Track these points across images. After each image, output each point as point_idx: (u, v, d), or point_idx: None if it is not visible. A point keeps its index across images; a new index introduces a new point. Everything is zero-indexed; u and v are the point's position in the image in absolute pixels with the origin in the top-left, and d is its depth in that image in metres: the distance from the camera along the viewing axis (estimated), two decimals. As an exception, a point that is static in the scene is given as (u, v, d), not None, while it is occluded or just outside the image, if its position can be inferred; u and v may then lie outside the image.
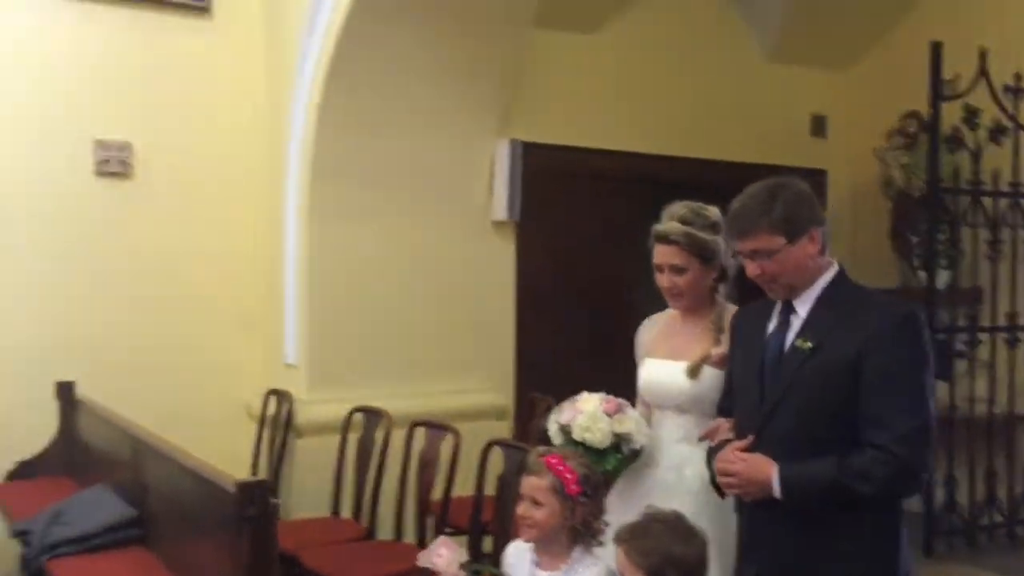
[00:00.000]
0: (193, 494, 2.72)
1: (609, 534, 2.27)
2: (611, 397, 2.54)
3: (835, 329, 2.07)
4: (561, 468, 2.19)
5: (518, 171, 4.96)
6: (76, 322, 4.53)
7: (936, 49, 5.05)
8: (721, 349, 2.50)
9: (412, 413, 4.01)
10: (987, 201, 5.27)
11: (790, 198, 2.13)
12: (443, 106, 4.61)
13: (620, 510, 2.46)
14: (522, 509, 2.20)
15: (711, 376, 2.51)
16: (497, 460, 3.31)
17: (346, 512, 4.04)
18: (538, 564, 2.24)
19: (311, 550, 3.50)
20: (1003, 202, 5.28)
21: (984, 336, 5.28)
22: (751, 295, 2.33)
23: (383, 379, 4.53)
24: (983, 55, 5.11)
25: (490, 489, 3.36)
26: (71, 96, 4.53)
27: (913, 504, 5.55)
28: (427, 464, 3.64)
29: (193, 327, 4.83)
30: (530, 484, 2.20)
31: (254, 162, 4.93)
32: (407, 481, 3.78)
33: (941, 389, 5.19)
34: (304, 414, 4.42)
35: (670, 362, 2.59)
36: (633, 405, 2.63)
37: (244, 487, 2.32)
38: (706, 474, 2.34)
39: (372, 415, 4.02)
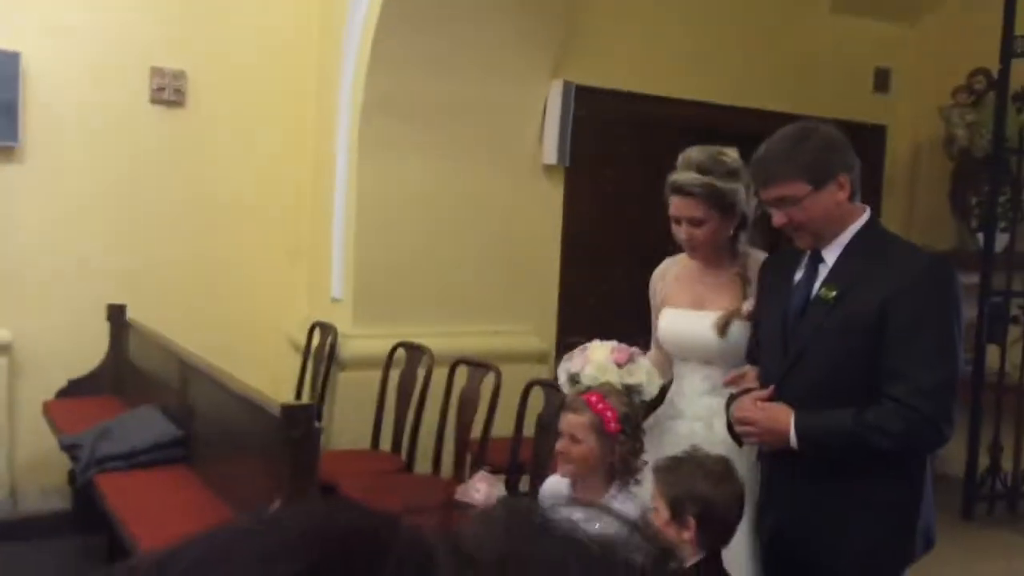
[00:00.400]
0: (238, 417, 2.77)
1: (645, 475, 2.27)
2: (622, 346, 2.45)
3: (861, 278, 2.01)
4: (601, 406, 2.19)
5: (569, 115, 4.90)
6: (129, 247, 4.61)
7: (1010, 3, 4.86)
8: (750, 303, 2.41)
9: (454, 352, 4.03)
10: (1053, 163, 5.11)
11: (816, 143, 2.05)
12: (496, 45, 4.55)
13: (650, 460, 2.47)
14: (561, 445, 2.21)
15: (739, 329, 2.42)
16: (537, 401, 3.31)
17: (386, 446, 4.09)
18: (574, 499, 2.25)
19: (349, 479, 3.55)
20: (1070, 165, 5.12)
21: (1041, 302, 5.16)
22: (778, 242, 2.28)
23: (427, 317, 4.55)
24: (1060, 10, 4.92)
25: (529, 430, 3.38)
26: (128, 24, 4.55)
27: (953, 467, 5.51)
28: (467, 402, 3.66)
29: (242, 257, 4.88)
30: (569, 421, 2.21)
31: (306, 95, 4.93)
32: (447, 418, 3.81)
33: (992, 353, 5.12)
34: (348, 348, 4.46)
35: (693, 312, 2.49)
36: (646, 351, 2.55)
37: (289, 410, 2.35)
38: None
39: (414, 351, 4.04)
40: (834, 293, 2.03)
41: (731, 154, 2.50)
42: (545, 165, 4.97)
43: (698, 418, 2.47)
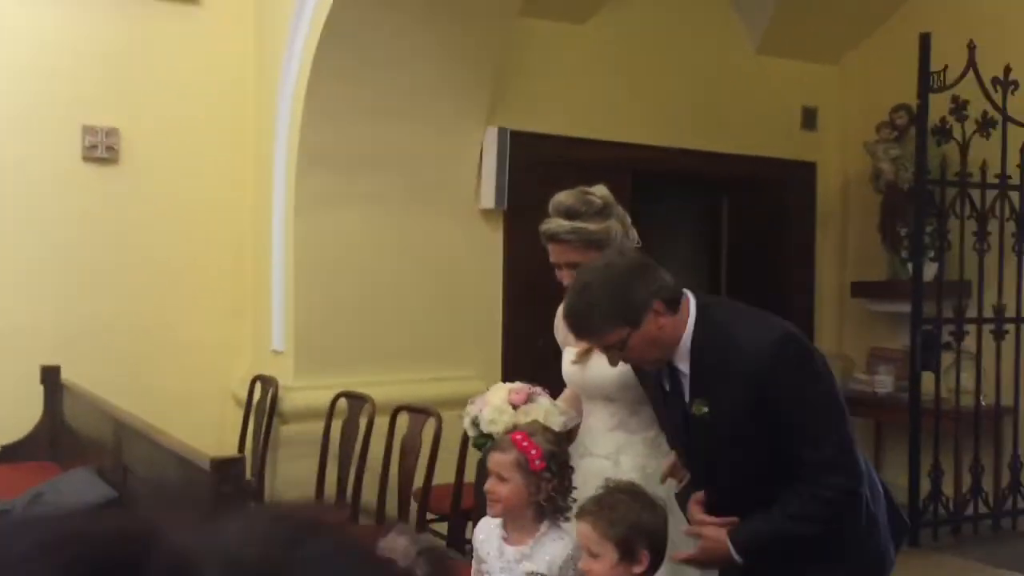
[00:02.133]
0: (171, 474, 2.72)
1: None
2: (522, 386, 2.46)
3: (720, 382, 1.99)
4: (526, 444, 2.19)
5: (505, 159, 4.97)
6: (63, 307, 4.54)
7: (925, 41, 5.05)
8: None
9: (398, 400, 4.02)
10: (975, 193, 5.28)
11: (617, 285, 1.98)
12: (430, 94, 4.61)
13: None
14: (489, 485, 2.21)
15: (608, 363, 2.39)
16: (478, 445, 3.31)
17: (330, 498, 4.05)
18: (506, 539, 2.25)
19: (293, 534, 3.50)
20: (990, 194, 5.29)
21: (971, 328, 5.30)
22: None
23: (369, 366, 4.54)
24: (972, 47, 5.12)
25: (472, 476, 3.37)
26: (59, 81, 4.54)
27: (897, 494, 5.58)
28: (409, 449, 3.64)
29: (181, 314, 4.83)
30: (496, 460, 2.22)
31: (244, 148, 4.94)
32: (390, 466, 3.79)
33: (927, 380, 5.24)
34: (290, 400, 4.42)
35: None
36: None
37: (219, 464, 2.32)
38: (642, 462, 2.34)
39: (356, 400, 4.03)
40: (705, 409, 2.02)
41: (599, 192, 2.48)
42: (483, 210, 5.01)
43: (606, 455, 2.45)
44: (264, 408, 4.39)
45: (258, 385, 4.53)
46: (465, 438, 3.42)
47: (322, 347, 4.53)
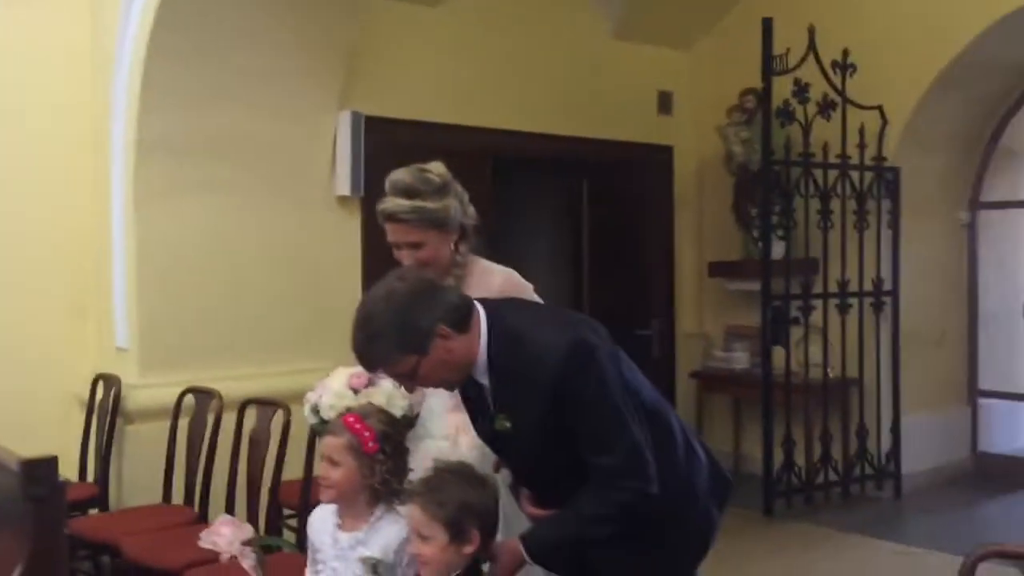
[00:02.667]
0: (-15, 481, 2.54)
1: None
2: (363, 371, 2.36)
3: (519, 395, 1.98)
4: (359, 426, 2.14)
5: (360, 145, 4.87)
6: None
7: (767, 25, 5.22)
8: None
9: (248, 394, 3.89)
10: (818, 173, 5.49)
11: (398, 313, 1.92)
12: (278, 77, 4.48)
13: None
14: (321, 470, 2.16)
15: None
16: (327, 436, 3.23)
17: (178, 499, 3.90)
18: (340, 526, 2.20)
19: (134, 537, 3.36)
20: (832, 174, 5.51)
21: (817, 303, 5.51)
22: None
23: (220, 361, 4.38)
24: (812, 31, 5.31)
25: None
26: None
27: (754, 466, 5.79)
28: (257, 443, 3.54)
29: (17, 312, 4.54)
30: (328, 444, 2.16)
31: (78, 141, 4.66)
32: (238, 462, 3.67)
33: (778, 355, 5.43)
34: (134, 399, 4.23)
35: None
36: None
37: (28, 465, 2.17)
38: (479, 441, 2.27)
39: (203, 396, 3.88)
40: (508, 424, 2.02)
41: (436, 169, 2.46)
42: (339, 197, 4.91)
43: (445, 436, 2.45)
44: (107, 408, 4.19)
45: (100, 384, 4.32)
46: (313, 432, 3.33)
47: (169, 344, 4.35)
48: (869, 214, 5.63)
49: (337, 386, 2.43)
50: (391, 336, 1.91)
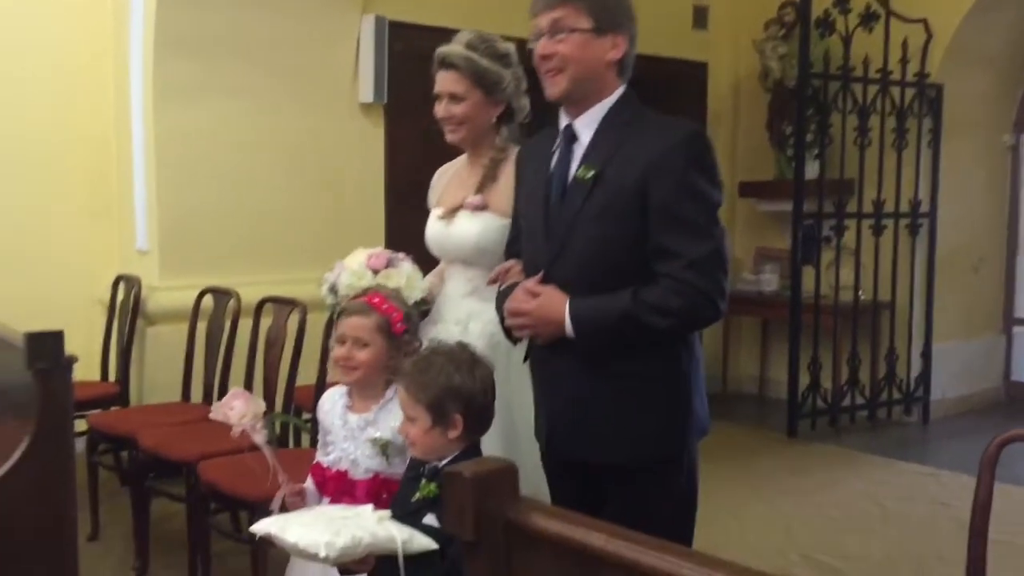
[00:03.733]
0: (-2, 362, 2.54)
1: None
2: (381, 251, 2.39)
3: (618, 153, 1.91)
4: (387, 307, 2.11)
5: (384, 51, 4.76)
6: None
7: (809, -69, 4.99)
8: (477, 198, 2.36)
9: (266, 297, 3.86)
10: (857, 89, 5.29)
11: None
12: (298, -23, 4.37)
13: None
14: (344, 351, 2.10)
15: (492, 226, 2.34)
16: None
17: (197, 398, 3.90)
18: (350, 407, 2.16)
19: (150, 430, 3.37)
20: (872, 89, 5.32)
21: (851, 224, 5.37)
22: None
23: (238, 265, 4.36)
24: (856, -61, 5.08)
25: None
26: None
27: (780, 390, 5.71)
28: (274, 342, 3.51)
29: (40, 218, 4.55)
30: (354, 324, 2.11)
31: (99, 39, 4.60)
32: (255, 362, 3.65)
33: (808, 277, 5.31)
34: (155, 300, 4.23)
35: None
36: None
37: (34, 339, 2.16)
38: (491, 329, 2.23)
39: (221, 297, 3.86)
40: (591, 173, 1.91)
41: (505, 43, 2.42)
42: (362, 104, 4.82)
43: (456, 321, 2.39)
44: (128, 309, 4.19)
45: (121, 286, 4.31)
46: (328, 332, 3.30)
47: (188, 246, 4.33)
48: (909, 132, 5.44)
49: (355, 265, 2.39)
50: None
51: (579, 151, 1.97)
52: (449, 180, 2.57)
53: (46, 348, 2.17)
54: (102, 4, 4.60)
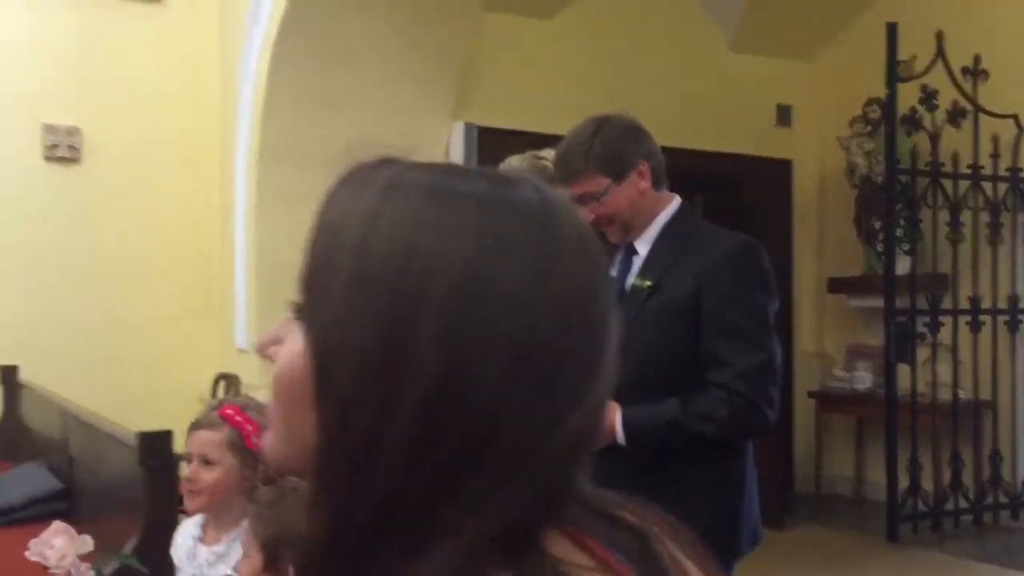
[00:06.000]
0: (108, 457, 2.67)
1: None
2: None
3: (674, 265, 1.98)
4: (240, 418, 1.87)
5: (473, 155, 4.93)
6: (22, 307, 4.49)
7: (892, 30, 5.04)
8: None
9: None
10: (947, 184, 5.24)
11: (610, 133, 2.02)
12: (393, 88, 4.58)
13: None
14: (190, 471, 1.86)
15: None
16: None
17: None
18: (202, 539, 1.91)
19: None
20: (962, 184, 5.26)
21: (947, 320, 5.24)
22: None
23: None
24: (940, 37, 5.10)
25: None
26: (19, 80, 4.51)
27: (877, 491, 5.52)
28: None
29: (145, 313, 4.79)
30: (200, 440, 1.87)
31: (204, 147, 4.90)
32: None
33: (903, 375, 5.18)
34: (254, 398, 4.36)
35: None
36: None
37: (146, 438, 2.27)
38: None
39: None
40: (648, 282, 1.99)
41: (550, 156, 2.42)
42: (451, 207, 4.97)
43: None
44: (226, 406, 4.33)
45: (222, 383, 4.47)
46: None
47: (286, 344, 4.47)
48: (1003, 227, 5.34)
49: None
50: (595, 150, 1.98)
51: (637, 263, 2.05)
52: None
53: (156, 447, 2.28)
54: (209, 111, 4.90)
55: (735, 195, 6.20)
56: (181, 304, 4.84)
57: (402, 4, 4.35)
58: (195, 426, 1.92)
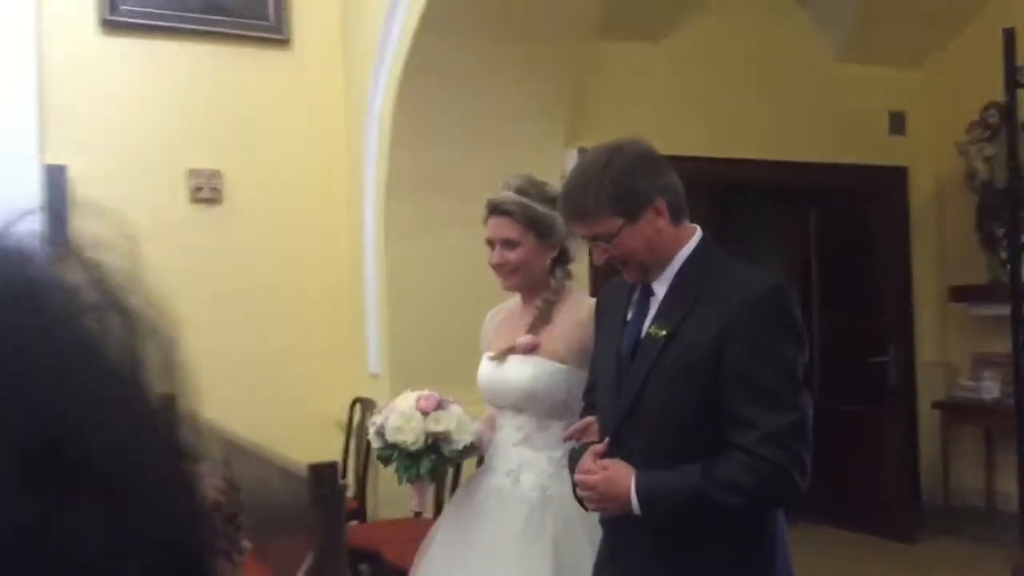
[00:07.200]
0: (275, 485, 2.89)
1: (443, 550, 2.19)
2: (433, 394, 2.33)
3: (693, 311, 1.79)
4: None
5: (588, 180, 5.06)
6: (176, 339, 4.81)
7: (1008, 36, 4.94)
8: (528, 338, 2.26)
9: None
10: (1074, 188, 5.11)
11: (622, 168, 1.82)
12: (510, 118, 4.76)
13: (452, 522, 2.35)
14: None
15: (544, 370, 2.23)
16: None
17: (429, 513, 4.17)
18: None
19: (392, 546, 3.64)
20: (1091, 188, 5.12)
21: (1079, 327, 5.11)
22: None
23: (464, 387, 4.65)
24: (1060, 39, 4.99)
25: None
26: (164, 130, 4.86)
27: (1009, 503, 5.40)
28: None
29: (283, 342, 5.07)
30: None
31: (333, 182, 5.18)
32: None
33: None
34: (387, 421, 4.59)
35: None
36: None
37: (316, 469, 2.48)
38: (543, 481, 2.16)
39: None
40: (664, 331, 1.80)
41: (552, 184, 2.40)
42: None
43: (507, 472, 2.28)
44: (364, 429, 4.57)
45: (357, 407, 4.71)
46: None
47: (417, 370, 4.67)
48: None
49: (405, 407, 2.32)
50: (606, 188, 1.80)
51: (654, 305, 1.88)
52: (501, 322, 2.53)
53: (326, 477, 2.48)
54: (337, 154, 5.18)
55: (850, 206, 6.18)
56: (315, 332, 5.11)
57: (519, 35, 4.53)
58: None
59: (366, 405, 4.65)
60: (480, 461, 2.42)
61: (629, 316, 1.92)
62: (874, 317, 6.05)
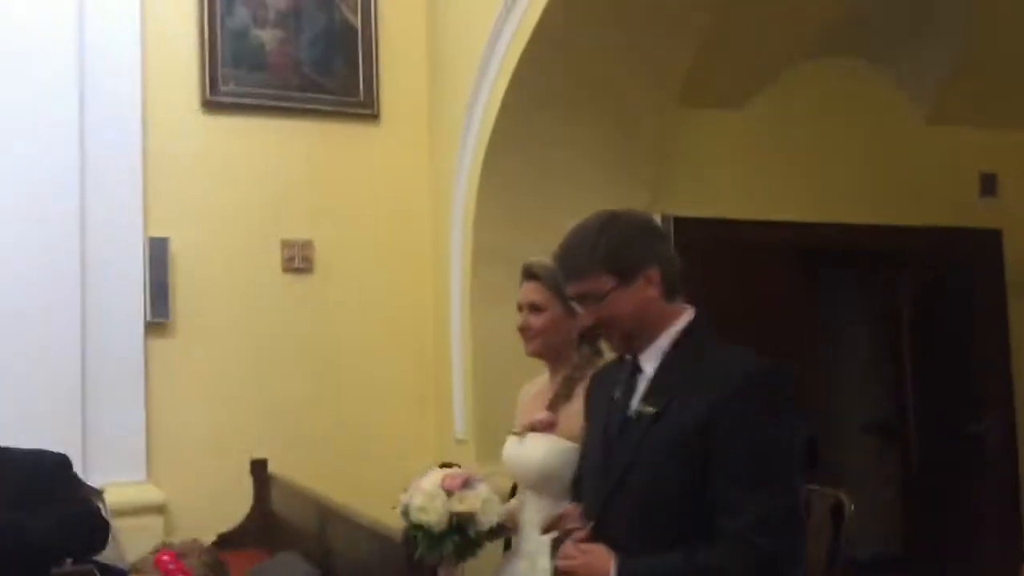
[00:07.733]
0: (370, 549, 2.93)
1: None
2: (459, 471, 2.29)
3: (683, 389, 1.74)
4: (172, 566, 1.90)
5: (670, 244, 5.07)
6: (267, 405, 4.95)
7: (1105, 95, 4.85)
8: (545, 415, 2.24)
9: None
10: None
11: (619, 231, 1.85)
12: (594, 188, 4.80)
13: None
14: None
15: (556, 449, 2.21)
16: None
17: None
18: None
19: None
20: None
21: None
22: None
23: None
24: None
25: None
26: (259, 203, 5.06)
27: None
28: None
29: (370, 406, 5.17)
30: None
31: (421, 251, 5.31)
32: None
33: None
34: (473, 487, 4.60)
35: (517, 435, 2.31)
36: None
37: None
38: None
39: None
40: (652, 408, 1.77)
41: None
42: (652, 297, 5.11)
43: (527, 555, 2.25)
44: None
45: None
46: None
47: (501, 435, 4.67)
48: None
49: (429, 486, 2.30)
50: (601, 247, 1.82)
51: (643, 383, 1.84)
52: (533, 397, 2.52)
53: (420, 542, 2.49)
54: (423, 217, 5.32)
55: (939, 268, 6.04)
56: (403, 398, 5.20)
57: (602, 109, 4.61)
58: (132, 569, 1.92)
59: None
60: (508, 544, 2.37)
61: (617, 395, 1.89)
62: (969, 386, 5.87)
